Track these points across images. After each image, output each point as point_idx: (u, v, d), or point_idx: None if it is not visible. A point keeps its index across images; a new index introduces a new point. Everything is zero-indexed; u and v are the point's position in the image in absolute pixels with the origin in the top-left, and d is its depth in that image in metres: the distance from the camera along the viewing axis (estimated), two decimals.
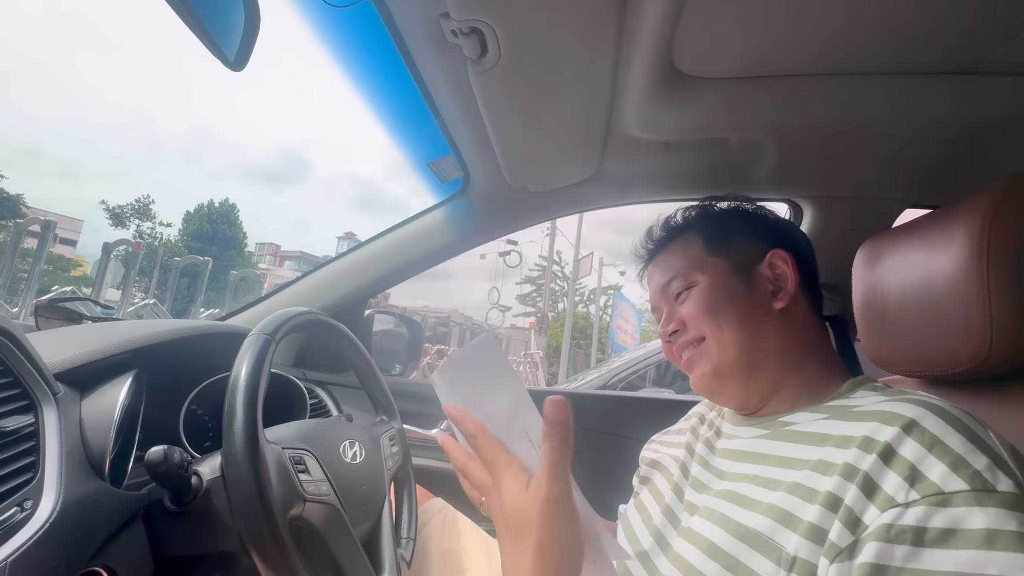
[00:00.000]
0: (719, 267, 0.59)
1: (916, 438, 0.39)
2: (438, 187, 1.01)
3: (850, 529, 0.39)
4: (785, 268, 0.59)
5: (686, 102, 0.73)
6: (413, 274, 1.11)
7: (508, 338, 18.64)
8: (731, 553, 0.45)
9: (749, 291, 0.58)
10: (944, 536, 0.35)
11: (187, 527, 0.54)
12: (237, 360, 0.54)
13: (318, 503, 0.55)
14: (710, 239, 0.61)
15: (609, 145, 0.84)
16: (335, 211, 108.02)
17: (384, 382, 0.85)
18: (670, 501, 0.59)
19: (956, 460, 0.37)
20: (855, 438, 0.43)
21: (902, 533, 0.36)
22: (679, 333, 0.60)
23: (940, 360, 0.57)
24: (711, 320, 0.57)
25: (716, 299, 0.57)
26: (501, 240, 17.03)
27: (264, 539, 0.46)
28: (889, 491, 0.38)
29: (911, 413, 0.41)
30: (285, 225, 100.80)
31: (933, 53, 0.67)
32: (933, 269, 0.57)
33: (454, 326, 18.39)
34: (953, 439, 0.38)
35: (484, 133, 0.80)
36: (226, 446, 0.49)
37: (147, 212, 28.14)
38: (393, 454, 0.78)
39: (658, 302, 0.65)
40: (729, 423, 0.61)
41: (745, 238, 0.61)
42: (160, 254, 20.91)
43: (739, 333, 0.56)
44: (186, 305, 17.45)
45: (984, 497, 0.35)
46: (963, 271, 0.53)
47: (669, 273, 0.62)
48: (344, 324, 0.80)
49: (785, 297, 0.57)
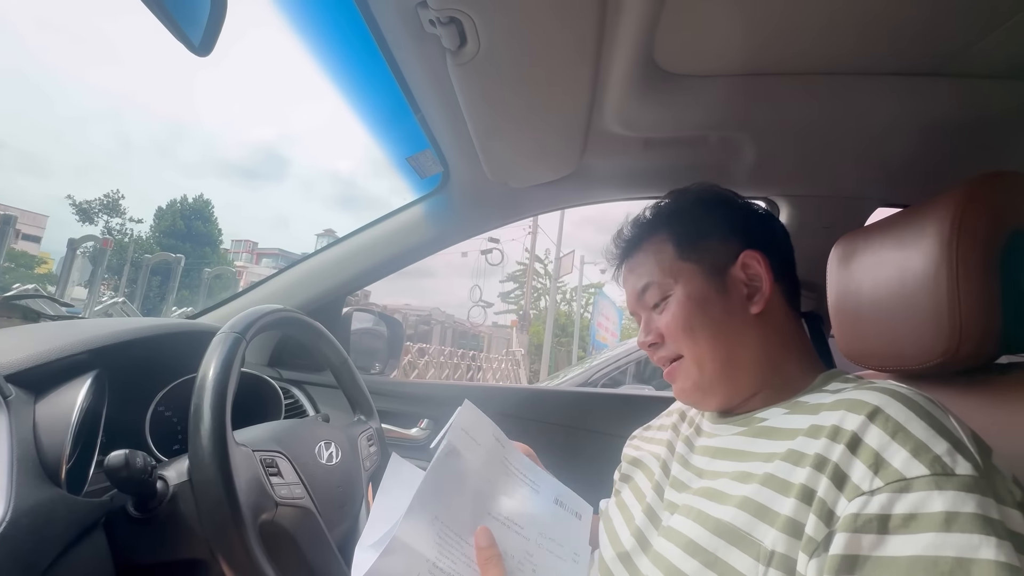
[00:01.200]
0: (692, 273, 0.58)
1: (880, 425, 0.40)
2: (417, 183, 0.99)
3: (824, 522, 0.39)
4: (758, 268, 0.57)
5: (666, 99, 0.73)
6: (392, 271, 1.10)
7: (490, 336, 18.63)
8: (710, 550, 0.45)
9: (724, 298, 0.57)
10: (906, 521, 0.35)
11: (152, 534, 0.52)
12: (205, 359, 0.52)
13: (291, 507, 0.53)
14: (681, 242, 0.59)
15: (590, 142, 0.84)
16: (314, 208, 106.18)
17: (362, 381, 0.83)
18: (651, 501, 0.59)
19: (917, 446, 0.38)
20: (824, 427, 0.43)
21: (868, 522, 0.37)
22: (657, 346, 0.59)
23: (911, 355, 0.58)
24: (688, 338, 0.56)
25: (692, 313, 0.56)
26: (483, 238, 16.99)
27: (233, 546, 0.44)
28: (856, 480, 0.39)
29: (875, 400, 0.42)
30: (263, 222, 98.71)
31: (904, 55, 0.68)
32: (904, 266, 0.58)
33: (436, 324, 18.29)
34: (915, 425, 0.39)
35: (464, 128, 0.79)
36: (192, 449, 0.47)
37: (117, 208, 27.20)
38: (371, 454, 0.77)
39: (635, 308, 0.63)
40: (709, 421, 0.62)
41: (716, 239, 0.59)
42: (130, 251, 20.23)
43: (716, 349, 0.55)
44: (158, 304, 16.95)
45: (943, 481, 0.36)
46: (933, 268, 0.54)
47: (643, 279, 0.60)
48: (321, 322, 0.78)
49: (761, 301, 0.56)
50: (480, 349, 16.10)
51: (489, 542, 0.47)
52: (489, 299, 19.37)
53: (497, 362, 13.23)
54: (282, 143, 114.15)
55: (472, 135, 0.78)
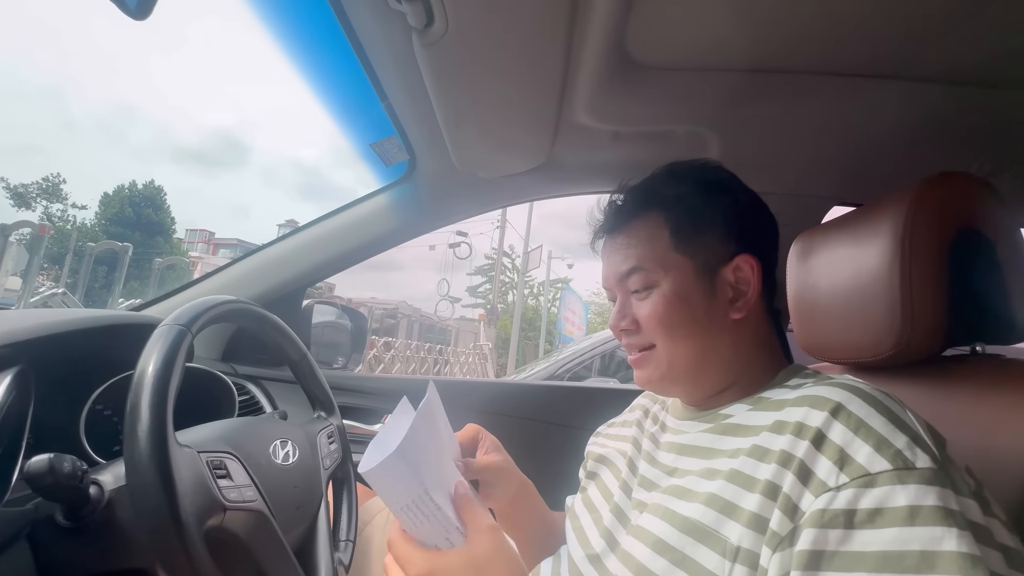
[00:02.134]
0: (684, 268, 0.55)
1: (843, 421, 0.40)
2: (382, 171, 0.96)
3: (789, 517, 0.39)
4: (750, 275, 0.55)
5: (636, 90, 0.72)
6: (355, 262, 1.06)
7: (458, 330, 18.52)
8: (678, 548, 0.44)
9: (709, 299, 0.55)
10: (871, 516, 0.36)
11: (84, 544, 0.47)
12: (144, 354, 0.48)
13: (242, 510, 0.50)
14: (678, 232, 0.56)
15: (560, 133, 0.83)
16: (276, 198, 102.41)
17: (322, 376, 0.80)
18: (619, 500, 0.58)
19: (880, 441, 0.38)
20: (788, 424, 0.43)
21: (835, 517, 0.37)
22: (630, 332, 0.58)
23: (865, 347, 0.60)
24: (666, 333, 0.54)
25: (675, 309, 0.54)
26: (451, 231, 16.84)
27: (174, 554, 0.41)
28: (821, 476, 0.39)
29: (837, 397, 0.42)
30: (220, 211, 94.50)
31: (862, 56, 0.70)
32: (860, 262, 0.60)
33: (402, 318, 18.03)
34: (876, 420, 0.40)
35: (431, 115, 0.77)
36: (128, 452, 0.43)
37: (57, 192, 25.43)
38: (331, 452, 0.74)
39: (612, 285, 0.60)
40: (673, 416, 0.61)
41: (715, 236, 0.56)
42: (73, 239, 18.95)
43: (691, 348, 0.54)
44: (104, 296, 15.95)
45: (905, 475, 0.36)
46: (887, 264, 0.56)
47: (630, 262, 0.57)
48: (280, 315, 0.74)
49: (744, 308, 0.55)
50: (447, 343, 15.98)
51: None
52: (457, 293, 19.25)
53: (464, 356, 13.18)
54: (242, 128, 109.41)
55: (440, 122, 0.76)
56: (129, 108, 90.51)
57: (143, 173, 75.46)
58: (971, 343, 0.59)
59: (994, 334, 0.57)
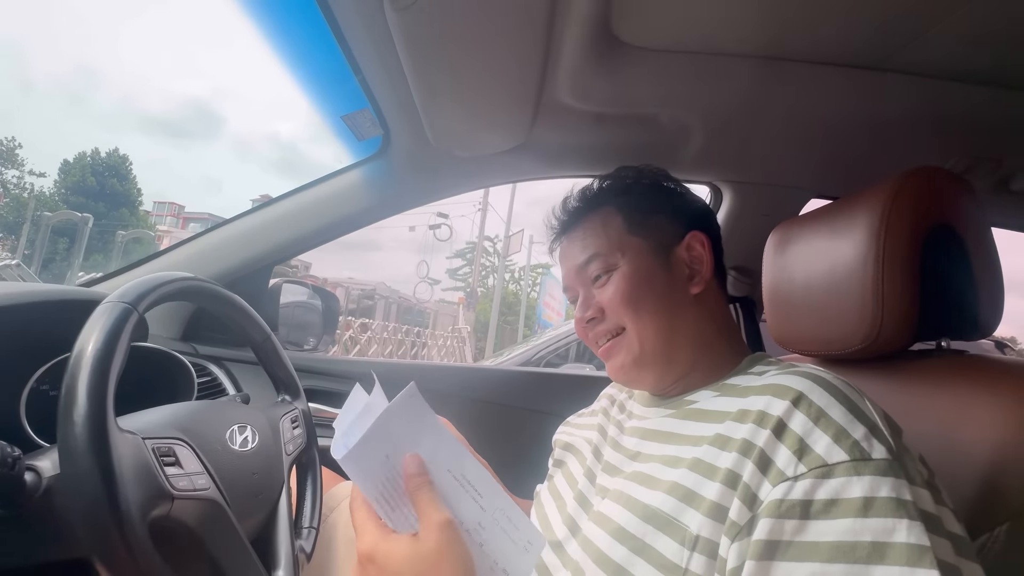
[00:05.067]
0: (639, 248, 0.58)
1: (804, 411, 0.41)
2: (355, 145, 0.91)
3: (748, 506, 0.39)
4: (702, 251, 0.58)
5: (622, 71, 0.70)
6: (325, 240, 1.01)
7: (436, 312, 18.43)
8: (638, 536, 0.44)
9: (667, 275, 0.57)
10: (827, 507, 0.36)
11: (19, 534, 0.44)
12: (83, 332, 0.44)
13: (192, 499, 0.47)
14: (630, 216, 0.59)
15: (541, 112, 0.80)
16: (251, 172, 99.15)
17: (286, 358, 0.76)
18: (583, 487, 0.58)
19: (838, 431, 0.39)
20: (751, 412, 0.44)
21: (792, 507, 0.37)
22: (597, 321, 0.58)
23: (835, 340, 0.60)
24: (632, 311, 0.55)
25: (637, 286, 0.56)
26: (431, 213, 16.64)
27: (114, 548, 0.38)
28: (780, 465, 0.39)
29: (799, 386, 0.43)
30: (191, 184, 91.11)
31: (846, 46, 0.69)
32: (835, 255, 0.60)
33: (380, 299, 17.81)
34: (835, 410, 0.40)
35: (405, 87, 0.73)
36: (63, 438, 0.40)
37: (13, 158, 24.04)
38: (295, 437, 0.71)
39: (572, 283, 0.61)
40: (639, 404, 0.62)
41: (665, 217, 0.60)
42: (31, 208, 18.01)
43: (659, 323, 0.55)
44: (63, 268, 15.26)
45: (861, 466, 0.37)
46: (862, 258, 0.56)
47: (587, 251, 0.59)
48: (246, 293, 0.70)
49: (701, 282, 0.57)
50: (426, 326, 15.91)
51: (419, 469, 0.42)
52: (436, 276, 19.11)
53: (443, 339, 13.14)
54: (215, 99, 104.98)
55: (414, 94, 0.72)
56: (92, 71, 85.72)
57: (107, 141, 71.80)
58: (937, 338, 0.60)
59: (960, 330, 0.58)
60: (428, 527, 0.39)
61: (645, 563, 0.43)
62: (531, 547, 0.41)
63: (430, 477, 0.42)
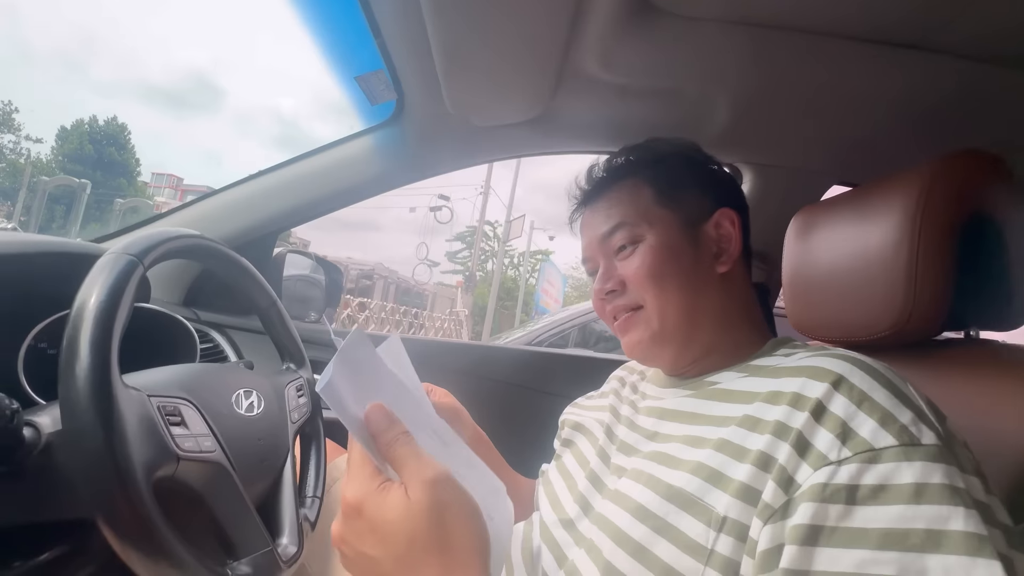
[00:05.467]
0: (668, 221, 0.56)
1: (845, 394, 0.39)
2: (367, 110, 0.88)
3: (783, 489, 0.38)
4: (731, 230, 0.57)
5: (652, 39, 0.67)
6: (332, 209, 0.99)
7: (435, 295, 18.41)
8: (660, 515, 0.43)
9: (694, 252, 0.55)
10: (875, 492, 0.35)
11: (18, 491, 0.43)
12: (86, 283, 0.42)
13: (197, 461, 0.45)
14: (660, 189, 0.57)
15: (563, 80, 0.77)
16: (251, 147, 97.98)
17: (292, 326, 0.75)
18: (595, 466, 0.57)
19: (884, 415, 0.37)
20: (784, 394, 0.42)
21: (836, 492, 0.35)
22: (616, 294, 0.56)
23: (859, 326, 0.59)
24: (656, 286, 0.53)
25: (663, 261, 0.54)
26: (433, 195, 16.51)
27: (117, 506, 0.37)
28: (822, 449, 0.37)
29: (838, 368, 0.41)
30: (191, 156, 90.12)
31: (886, 21, 0.66)
32: (865, 240, 0.58)
33: (379, 279, 17.77)
34: (879, 394, 0.39)
35: (426, 48, 0.69)
36: (64, 391, 0.38)
37: (9, 122, 23.68)
38: (300, 406, 0.69)
39: (594, 253, 0.59)
40: (654, 384, 0.60)
41: (695, 192, 0.58)
42: (27, 174, 17.79)
43: (682, 300, 0.54)
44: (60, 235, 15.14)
45: (911, 451, 0.35)
46: (895, 242, 0.54)
47: (613, 220, 0.57)
48: (249, 261, 0.68)
49: (728, 261, 0.56)
50: (423, 307, 15.91)
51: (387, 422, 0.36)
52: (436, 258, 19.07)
53: (440, 321, 13.17)
54: (217, 70, 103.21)
55: (435, 56, 0.69)
56: (91, 36, 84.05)
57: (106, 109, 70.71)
58: (966, 327, 0.58)
59: (990, 320, 0.56)
60: (419, 485, 0.34)
61: (667, 542, 0.42)
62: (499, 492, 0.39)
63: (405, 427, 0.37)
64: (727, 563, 0.39)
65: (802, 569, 0.35)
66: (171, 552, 0.39)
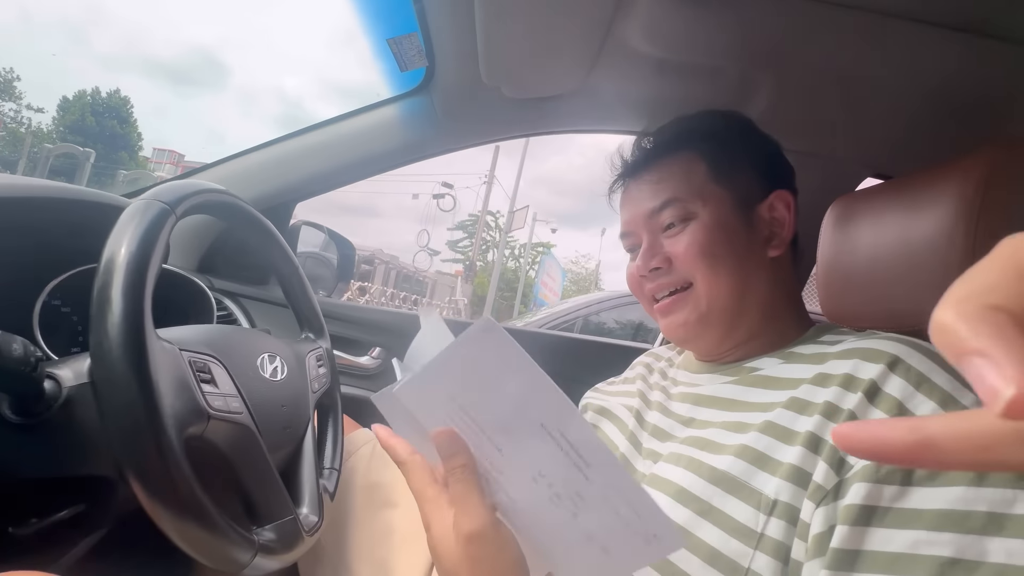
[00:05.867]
0: (722, 199, 0.53)
1: (902, 375, 0.38)
2: (396, 77, 0.85)
3: (835, 470, 0.37)
4: (785, 213, 0.55)
5: (702, 12, 0.64)
6: (354, 179, 0.96)
7: (435, 282, 18.39)
8: (704, 498, 0.42)
9: (748, 233, 0.53)
10: (932, 474, 0.33)
11: (36, 444, 0.41)
12: (115, 232, 0.40)
13: (226, 421, 0.44)
14: (716, 165, 0.54)
15: (604, 54, 0.74)
16: (254, 127, 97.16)
17: (313, 295, 0.73)
18: (625, 450, 0.56)
19: (945, 397, 0.36)
20: (834, 376, 0.41)
21: (891, 473, 0.34)
22: (661, 272, 0.54)
23: (906, 314, 0.57)
24: (707, 266, 0.51)
25: (717, 240, 0.51)
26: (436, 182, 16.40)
27: (149, 459, 0.35)
28: None
29: (894, 350, 0.40)
30: (193, 133, 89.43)
31: (944, 3, 0.64)
32: (913, 228, 0.56)
33: (379, 264, 17.72)
34: (940, 376, 0.37)
35: (466, 12, 0.67)
36: (96, 340, 0.36)
37: (10, 90, 23.40)
38: (320, 376, 0.68)
39: (637, 227, 0.56)
40: (685, 371, 0.59)
41: (751, 172, 0.55)
42: (28, 143, 17.62)
43: (733, 283, 0.51)
44: None
45: None
46: (948, 230, 0.52)
47: (664, 195, 0.54)
48: None
49: (780, 245, 0.54)
50: (423, 294, 15.90)
51: (454, 449, 0.35)
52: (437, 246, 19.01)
53: (439, 309, 13.16)
54: (222, 47, 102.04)
55: (478, 20, 0.66)
56: (96, 6, 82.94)
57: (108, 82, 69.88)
58: None
59: None
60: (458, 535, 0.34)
61: (712, 525, 0.41)
62: (656, 541, 0.32)
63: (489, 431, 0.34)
64: (778, 546, 0.38)
65: (853, 549, 0.34)
66: (201, 511, 0.37)
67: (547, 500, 0.33)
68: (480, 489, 0.35)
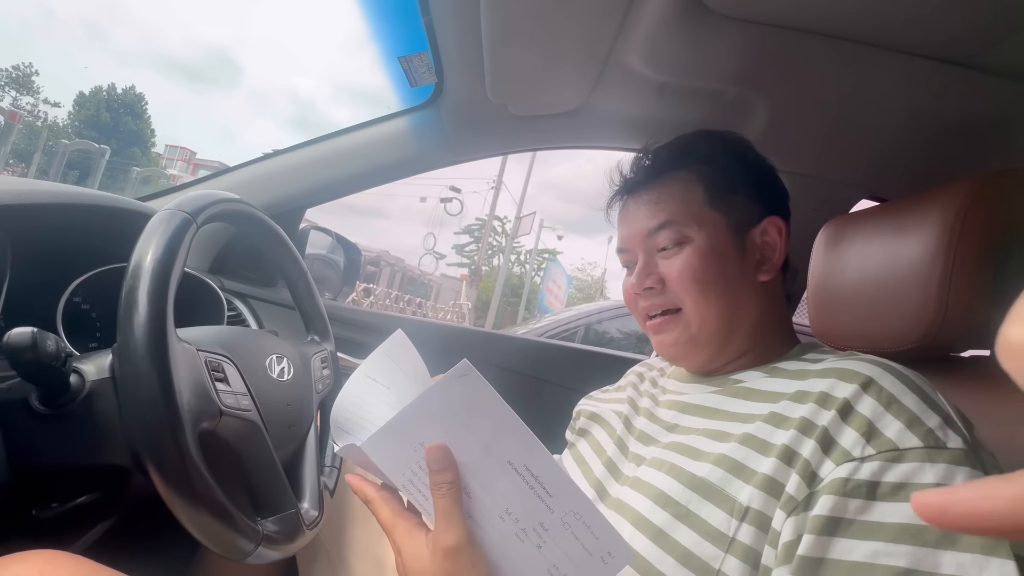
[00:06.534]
0: (717, 224, 0.54)
1: (874, 396, 0.40)
2: (406, 91, 0.89)
3: (807, 483, 0.39)
4: (777, 239, 0.56)
5: (700, 38, 0.67)
6: (363, 188, 0.99)
7: (440, 286, 18.45)
8: (682, 502, 0.44)
9: (740, 258, 0.54)
10: (895, 490, 0.35)
11: (59, 434, 0.44)
12: (142, 240, 0.43)
13: (236, 418, 0.47)
14: (713, 188, 0.55)
15: (605, 74, 0.77)
16: (265, 126, 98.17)
17: (319, 298, 0.76)
18: (612, 454, 0.57)
19: (911, 418, 0.38)
20: (812, 393, 0.43)
21: (857, 487, 0.36)
22: (654, 292, 0.55)
23: (886, 338, 0.59)
24: (699, 291, 0.53)
25: (709, 266, 0.53)
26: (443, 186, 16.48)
27: (166, 449, 0.38)
28: (846, 446, 0.38)
29: (868, 371, 0.42)
30: (204, 131, 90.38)
31: (935, 36, 0.66)
32: (899, 252, 0.58)
33: (385, 267, 17.82)
34: (908, 398, 0.39)
35: (473, 33, 0.70)
36: (122, 338, 0.39)
37: (28, 84, 23.76)
38: (324, 377, 0.71)
39: (634, 245, 0.58)
40: (675, 380, 0.61)
41: (747, 196, 0.56)
42: (43, 137, 17.87)
43: (722, 308, 0.53)
44: None
45: (935, 453, 0.36)
46: (930, 256, 0.54)
47: (660, 216, 0.55)
48: None
49: (771, 270, 0.55)
50: (428, 297, 15.95)
51: (444, 464, 0.36)
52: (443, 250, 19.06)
53: (443, 312, 13.20)
54: (237, 47, 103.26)
55: (485, 41, 0.69)
56: (114, 3, 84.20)
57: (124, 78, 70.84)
58: (992, 347, 0.58)
59: None
60: (436, 549, 0.36)
61: (688, 529, 0.43)
62: (611, 559, 0.35)
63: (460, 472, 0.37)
64: (747, 551, 0.40)
65: (817, 557, 0.36)
66: (213, 500, 0.40)
67: (513, 536, 0.36)
68: (461, 505, 0.37)
